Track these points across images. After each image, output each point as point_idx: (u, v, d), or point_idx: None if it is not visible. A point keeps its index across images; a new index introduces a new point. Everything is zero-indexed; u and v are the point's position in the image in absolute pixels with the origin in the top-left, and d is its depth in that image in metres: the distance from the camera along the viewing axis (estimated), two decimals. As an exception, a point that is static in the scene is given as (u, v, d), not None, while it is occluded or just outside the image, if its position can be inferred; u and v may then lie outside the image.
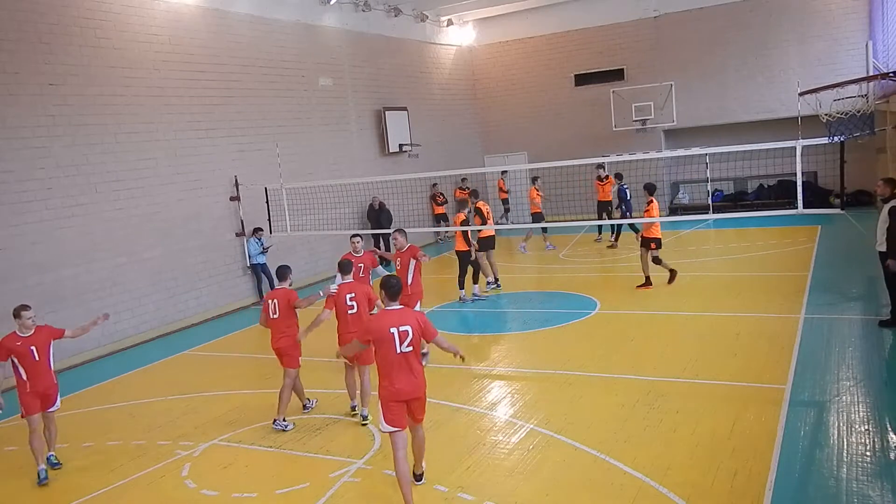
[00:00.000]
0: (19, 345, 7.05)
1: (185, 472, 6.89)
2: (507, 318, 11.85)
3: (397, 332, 5.59)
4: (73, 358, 11.48)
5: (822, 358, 8.36)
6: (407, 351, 5.62)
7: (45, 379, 7.21)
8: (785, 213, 11.90)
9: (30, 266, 10.97)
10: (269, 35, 15.86)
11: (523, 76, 23.74)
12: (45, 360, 7.20)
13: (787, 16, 20.04)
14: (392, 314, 5.71)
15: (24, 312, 7.08)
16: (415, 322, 5.69)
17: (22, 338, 7.10)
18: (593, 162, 18.49)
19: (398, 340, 5.59)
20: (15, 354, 7.06)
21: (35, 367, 7.11)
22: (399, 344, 5.59)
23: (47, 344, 7.24)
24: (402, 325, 5.62)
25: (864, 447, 6.10)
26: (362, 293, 7.67)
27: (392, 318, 5.67)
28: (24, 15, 10.98)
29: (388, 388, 5.67)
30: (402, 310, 5.80)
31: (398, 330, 5.59)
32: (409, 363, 5.65)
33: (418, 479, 6.11)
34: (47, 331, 7.35)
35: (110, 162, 12.24)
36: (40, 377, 7.16)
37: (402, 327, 5.61)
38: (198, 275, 13.85)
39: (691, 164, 20.70)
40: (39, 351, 7.14)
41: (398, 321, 5.64)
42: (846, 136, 9.57)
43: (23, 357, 7.08)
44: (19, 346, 7.04)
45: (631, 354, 9.25)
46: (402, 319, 5.66)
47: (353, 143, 18.45)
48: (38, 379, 7.15)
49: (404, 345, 5.60)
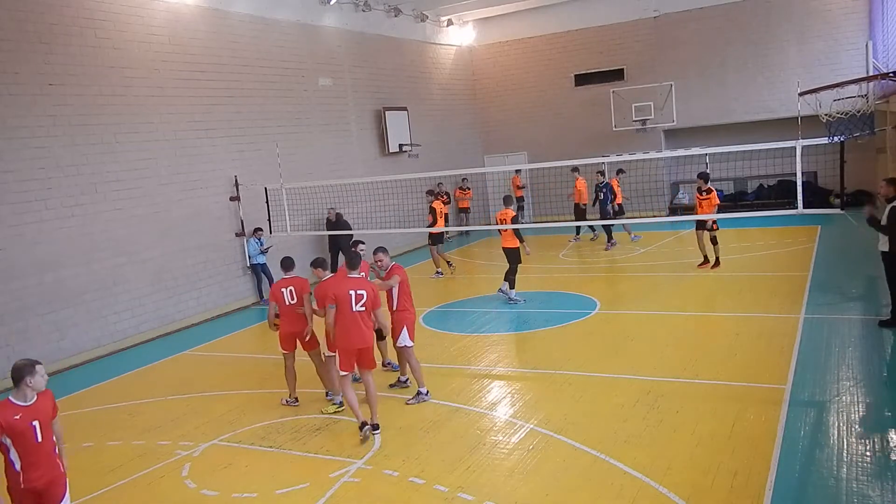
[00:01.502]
0: (18, 419, 4.75)
1: (185, 472, 6.89)
2: (507, 318, 11.85)
3: (354, 294, 7.07)
4: (72, 358, 11.48)
5: (822, 358, 8.36)
6: (360, 310, 7.11)
7: (47, 468, 4.90)
8: (785, 213, 11.88)
9: (30, 266, 10.97)
10: (269, 35, 15.86)
11: (523, 76, 23.74)
12: (48, 443, 4.92)
13: (787, 16, 20.04)
14: (351, 280, 7.21)
15: (39, 367, 4.91)
16: (371, 290, 7.22)
17: (22, 408, 4.81)
18: (593, 162, 18.52)
19: (354, 301, 7.07)
20: (9, 433, 4.72)
21: (36, 451, 4.83)
22: (354, 304, 7.07)
23: (51, 418, 4.98)
24: (359, 289, 7.13)
25: (864, 447, 6.11)
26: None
27: (351, 283, 7.17)
28: (24, 15, 10.98)
29: (343, 339, 7.14)
30: (360, 278, 7.32)
31: (355, 293, 7.08)
32: (367, 320, 7.18)
33: (375, 428, 7.21)
34: (52, 401, 5.06)
35: (110, 162, 12.24)
36: (41, 466, 4.85)
37: (359, 291, 7.12)
38: (198, 275, 13.85)
39: (691, 164, 20.67)
40: (43, 428, 4.86)
41: (356, 286, 7.14)
42: (846, 136, 9.57)
43: (20, 436, 4.75)
44: (18, 421, 4.74)
45: (631, 354, 9.25)
46: (359, 285, 7.17)
47: (353, 143, 18.45)
48: (38, 469, 4.84)
49: (358, 304, 7.08)
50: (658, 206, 20.96)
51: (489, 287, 13.27)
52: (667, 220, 19.43)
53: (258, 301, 14.87)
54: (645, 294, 12.61)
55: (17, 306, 10.77)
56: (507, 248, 12.63)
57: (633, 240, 17.66)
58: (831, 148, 10.18)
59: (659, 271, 14.41)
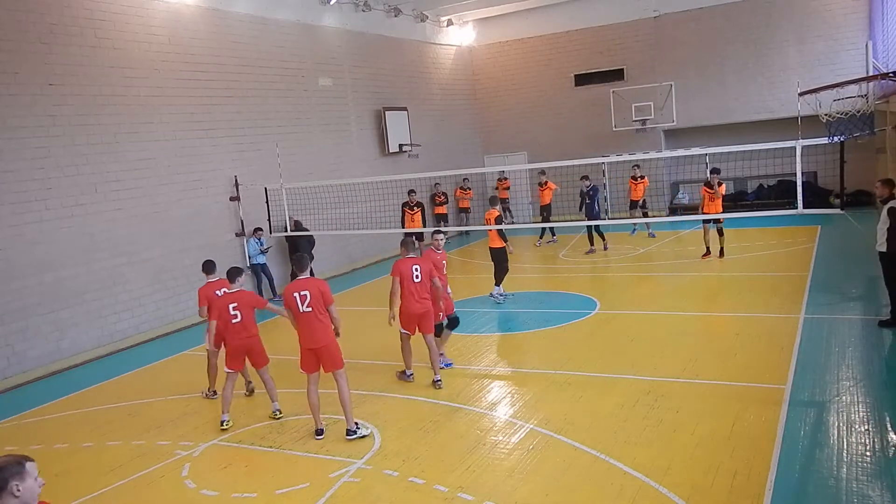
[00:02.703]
0: None
1: (185, 472, 6.89)
2: (507, 318, 11.85)
3: (298, 296, 7.14)
4: (72, 358, 11.48)
5: (822, 358, 8.36)
6: (307, 311, 7.15)
7: None
8: (785, 213, 11.89)
9: (30, 266, 10.97)
10: (269, 35, 15.86)
11: (523, 76, 23.74)
12: None
13: (787, 16, 20.04)
14: (298, 282, 7.31)
15: (30, 466, 3.05)
16: (315, 289, 7.22)
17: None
18: (593, 162, 18.53)
19: (299, 302, 7.15)
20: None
21: None
22: (301, 305, 7.15)
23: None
24: (302, 290, 7.18)
25: (864, 447, 6.10)
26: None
27: (297, 285, 7.26)
28: (23, 15, 10.98)
29: (301, 340, 7.31)
30: (306, 279, 7.36)
31: (299, 294, 7.15)
32: (314, 320, 7.19)
33: (348, 434, 7.19)
34: None
35: (110, 162, 12.24)
36: None
37: (303, 292, 7.17)
38: (198, 275, 13.81)
39: (691, 164, 20.67)
40: None
41: (300, 287, 7.22)
42: (846, 136, 9.57)
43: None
44: None
45: (631, 354, 9.24)
46: (304, 286, 7.22)
47: (353, 143, 18.45)
48: None
49: (304, 305, 7.15)
50: (658, 206, 20.96)
51: (489, 287, 13.24)
52: (667, 220, 19.46)
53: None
54: (645, 294, 12.61)
55: (17, 306, 10.77)
56: (493, 247, 12.71)
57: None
58: (831, 148, 10.18)
59: (659, 271, 14.41)
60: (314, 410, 7.44)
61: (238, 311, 7.88)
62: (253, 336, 8.03)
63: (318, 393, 7.44)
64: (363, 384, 8.74)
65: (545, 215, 18.69)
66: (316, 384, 7.40)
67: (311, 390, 7.36)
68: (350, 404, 7.31)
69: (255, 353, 8.12)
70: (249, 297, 8.11)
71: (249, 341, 8.02)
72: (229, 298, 7.94)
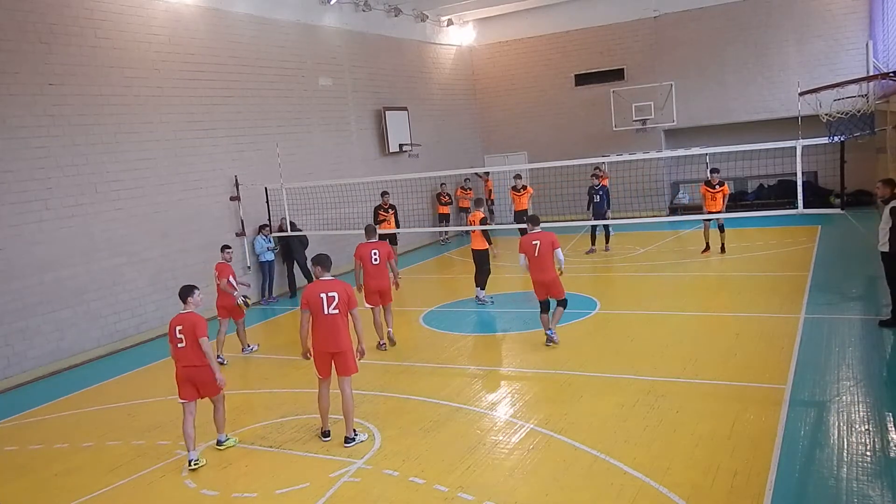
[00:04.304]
0: None
1: (185, 472, 6.88)
2: (507, 318, 11.85)
3: (326, 297, 6.92)
4: (72, 358, 11.48)
5: (822, 358, 8.35)
6: (333, 313, 6.94)
7: None
8: (785, 213, 11.89)
9: (30, 266, 10.97)
10: (269, 35, 15.86)
11: (523, 76, 23.74)
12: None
13: (787, 16, 20.03)
14: (324, 283, 7.06)
15: None
16: (343, 291, 7.02)
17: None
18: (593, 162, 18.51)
19: (326, 304, 6.92)
20: None
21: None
22: (326, 307, 6.92)
23: None
24: (330, 291, 6.96)
25: (864, 447, 6.10)
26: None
27: (323, 286, 7.02)
28: (23, 15, 10.97)
29: (316, 343, 7.07)
30: (332, 280, 7.13)
31: (326, 295, 6.92)
32: (340, 323, 7.00)
33: (346, 441, 7.06)
34: None
35: (110, 162, 12.24)
36: None
37: (330, 293, 6.94)
38: (198, 275, 13.81)
39: (691, 164, 20.69)
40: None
41: (328, 288, 6.98)
42: (846, 136, 9.58)
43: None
44: None
45: (631, 354, 9.24)
46: (331, 287, 7.01)
47: (353, 143, 18.45)
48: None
49: (331, 307, 6.93)
50: (658, 206, 20.96)
51: (489, 287, 13.25)
52: (666, 220, 19.47)
53: (264, 298, 14.89)
54: (645, 294, 12.61)
55: (17, 306, 10.77)
56: (475, 249, 12.69)
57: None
58: (831, 148, 10.20)
59: (659, 271, 14.41)
60: (324, 414, 7.31)
61: (183, 336, 6.94)
62: (198, 367, 6.96)
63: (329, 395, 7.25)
64: (363, 384, 8.73)
65: (525, 220, 18.03)
66: (328, 388, 7.23)
67: (322, 394, 7.22)
68: (352, 413, 7.16)
69: (201, 383, 7.05)
70: (192, 324, 6.96)
71: (191, 371, 6.98)
72: (176, 320, 7.05)
